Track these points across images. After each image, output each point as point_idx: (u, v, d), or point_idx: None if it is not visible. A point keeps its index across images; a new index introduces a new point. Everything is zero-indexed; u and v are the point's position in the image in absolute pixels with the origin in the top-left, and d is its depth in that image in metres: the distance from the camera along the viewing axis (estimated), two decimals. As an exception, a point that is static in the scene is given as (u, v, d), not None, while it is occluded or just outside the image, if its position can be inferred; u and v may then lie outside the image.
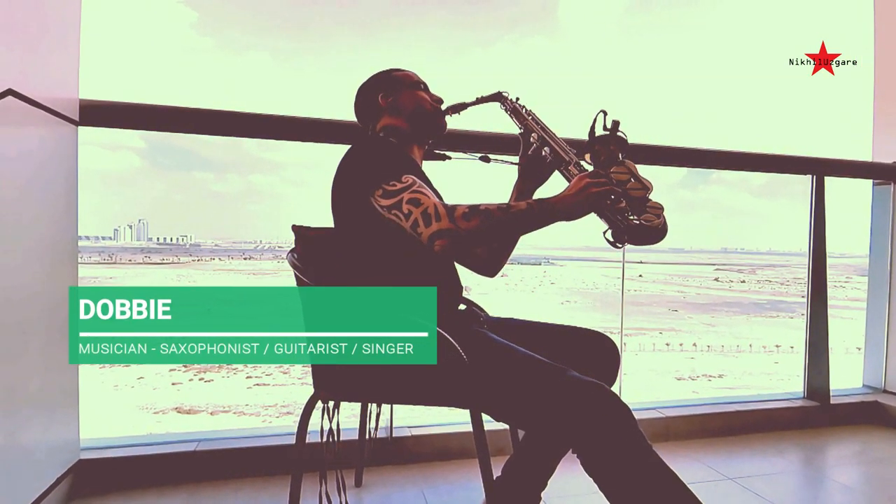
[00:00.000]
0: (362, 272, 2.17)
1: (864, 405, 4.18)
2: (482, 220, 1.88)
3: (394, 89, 2.43)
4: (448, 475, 3.10)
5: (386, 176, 2.01)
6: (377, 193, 1.99)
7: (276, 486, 2.92)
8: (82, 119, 2.74)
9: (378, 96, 2.44)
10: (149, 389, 44.67)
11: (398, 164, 2.06)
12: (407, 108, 2.41)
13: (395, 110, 2.41)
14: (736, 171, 4.29)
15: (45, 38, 2.47)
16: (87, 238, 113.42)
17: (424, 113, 2.42)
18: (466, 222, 1.87)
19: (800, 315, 5.04)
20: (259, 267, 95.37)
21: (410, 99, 2.42)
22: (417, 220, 1.89)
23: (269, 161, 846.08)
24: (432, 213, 1.88)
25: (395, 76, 2.47)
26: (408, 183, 1.97)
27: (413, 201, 1.92)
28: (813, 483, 3.24)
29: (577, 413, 1.76)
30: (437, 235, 1.87)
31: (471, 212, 1.88)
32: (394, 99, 2.42)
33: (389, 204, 1.96)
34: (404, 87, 2.44)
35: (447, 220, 1.87)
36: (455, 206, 1.89)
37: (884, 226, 4.41)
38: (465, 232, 1.87)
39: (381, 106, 2.44)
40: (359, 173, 2.08)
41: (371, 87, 2.48)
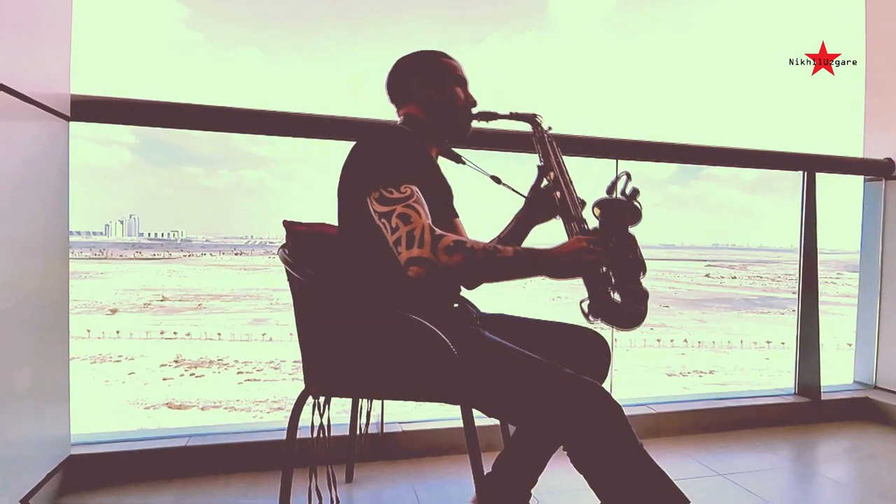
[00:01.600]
0: (356, 267, 2.16)
1: (855, 401, 4.20)
2: (464, 258, 1.83)
3: (433, 78, 2.35)
4: (439, 471, 3.10)
5: (387, 180, 1.95)
6: (374, 196, 1.95)
7: (266, 481, 2.92)
8: (73, 114, 2.74)
9: (415, 80, 2.35)
10: (140, 384, 44.75)
11: (405, 168, 2.01)
12: (438, 103, 2.34)
13: (426, 100, 2.34)
14: (727, 167, 4.30)
15: (36, 32, 2.46)
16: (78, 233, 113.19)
17: (454, 112, 2.36)
18: (448, 257, 1.82)
19: (791, 311, 5.04)
20: (250, 262, 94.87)
21: (446, 93, 2.35)
22: (401, 238, 1.85)
23: (259, 156, 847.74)
24: (417, 237, 1.84)
25: (441, 63, 2.38)
26: (405, 195, 1.91)
27: (403, 217, 1.87)
28: (804, 479, 3.25)
29: (567, 410, 1.76)
30: (415, 262, 1.83)
31: (455, 247, 1.83)
32: (429, 88, 2.34)
33: (381, 211, 1.92)
34: (445, 79, 2.36)
35: (429, 248, 1.82)
36: (442, 236, 1.85)
37: (875, 222, 4.43)
38: (444, 266, 1.82)
39: (414, 90, 2.35)
40: (363, 169, 2.06)
41: (411, 68, 2.38)
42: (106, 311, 64.76)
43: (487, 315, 2.41)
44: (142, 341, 56.02)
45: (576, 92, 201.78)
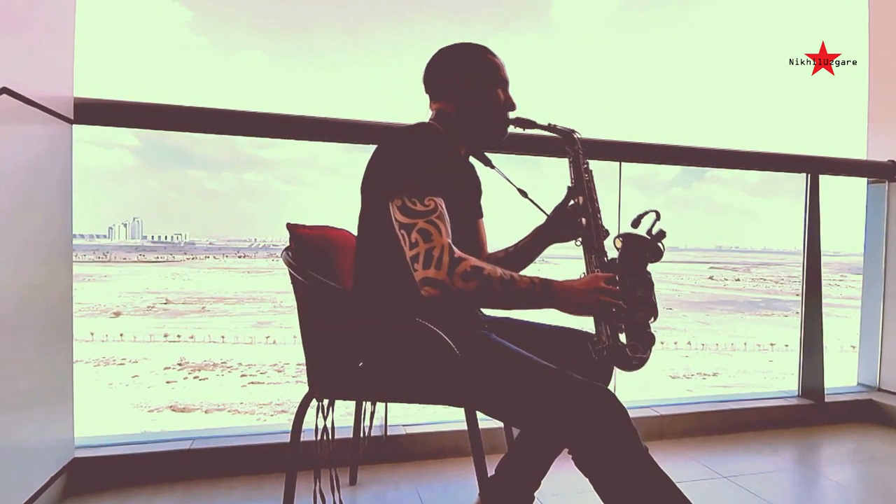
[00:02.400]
0: (371, 268, 2.15)
1: (859, 403, 4.20)
2: (480, 285, 1.81)
3: (475, 76, 2.23)
4: (443, 473, 3.10)
5: (412, 189, 1.90)
6: (396, 203, 1.90)
7: (270, 484, 2.93)
8: (77, 117, 2.74)
9: (456, 75, 2.24)
10: (143, 388, 44.76)
11: (432, 177, 1.94)
12: (476, 104, 2.24)
13: (463, 99, 2.24)
14: (730, 170, 4.31)
15: (39, 36, 2.46)
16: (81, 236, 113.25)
17: (491, 115, 2.26)
18: (463, 282, 1.80)
19: (794, 313, 5.04)
20: (254, 265, 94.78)
21: (486, 94, 2.24)
22: (419, 255, 1.82)
23: (263, 159, 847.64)
24: (436, 257, 1.81)
25: (486, 61, 2.26)
26: (428, 208, 1.87)
27: (424, 233, 1.84)
28: (808, 481, 3.25)
29: (572, 412, 1.75)
30: (429, 283, 1.80)
31: (472, 273, 1.81)
32: (469, 86, 2.23)
33: (403, 222, 1.88)
34: (487, 78, 2.25)
35: (446, 271, 1.79)
36: (460, 261, 1.82)
37: (878, 224, 4.42)
38: (458, 291, 1.80)
39: (453, 86, 2.24)
40: (389, 172, 1.99)
41: (452, 62, 2.27)
42: (109, 313, 64.80)
43: (494, 319, 2.40)
44: (145, 344, 56.05)
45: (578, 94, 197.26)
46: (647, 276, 2.07)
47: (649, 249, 2.07)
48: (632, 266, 2.07)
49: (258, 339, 58.01)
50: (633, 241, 2.09)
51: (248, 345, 56.73)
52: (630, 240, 2.09)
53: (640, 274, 2.06)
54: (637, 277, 2.05)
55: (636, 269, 2.06)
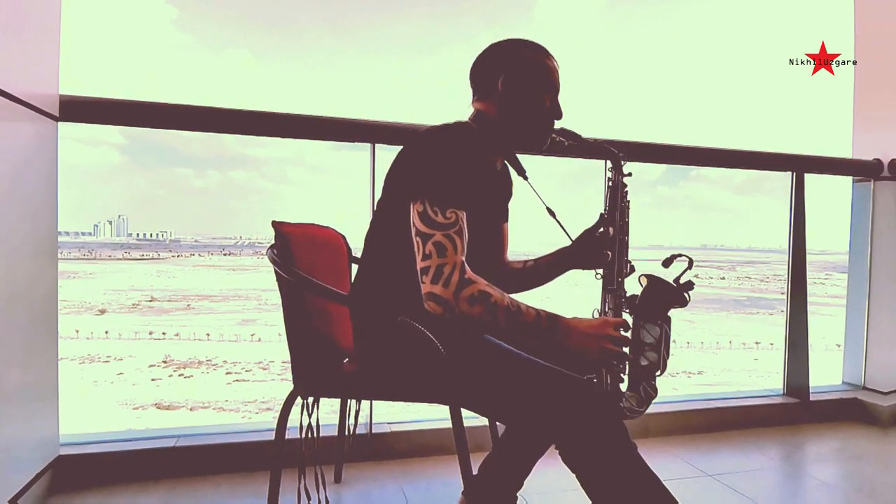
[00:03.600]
0: (375, 256, 2.13)
1: (844, 402, 4.21)
2: (484, 311, 1.76)
3: (523, 81, 2.10)
4: (427, 471, 3.11)
5: (436, 196, 1.83)
6: (417, 207, 1.84)
7: (255, 481, 2.92)
8: (62, 114, 2.73)
9: (499, 80, 2.11)
10: (128, 385, 44.72)
11: (459, 187, 1.87)
12: (517, 110, 2.12)
13: (505, 104, 2.11)
14: (716, 168, 4.31)
15: (24, 32, 2.45)
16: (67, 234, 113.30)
17: (533, 124, 2.15)
18: (468, 306, 1.75)
19: (779, 312, 5.06)
20: (239, 263, 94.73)
21: (532, 101, 2.12)
22: (430, 268, 1.77)
23: (248, 157, 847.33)
24: (446, 275, 1.76)
25: (537, 64, 2.13)
26: (449, 221, 1.81)
27: (439, 247, 1.78)
28: (792, 479, 3.26)
29: (560, 406, 1.75)
30: (434, 299, 1.76)
31: (479, 298, 1.76)
32: (516, 90, 2.10)
33: (420, 229, 1.82)
34: (536, 84, 2.12)
35: (452, 291, 1.75)
36: (468, 283, 1.76)
37: (863, 223, 4.44)
38: (460, 313, 1.76)
39: (498, 87, 2.11)
40: (417, 172, 1.90)
41: (500, 63, 2.13)
42: (95, 311, 64.76)
43: None
44: (130, 342, 56.04)
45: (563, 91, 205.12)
46: (665, 326, 2.00)
47: (674, 298, 2.00)
48: (650, 311, 2.01)
49: (243, 336, 58.05)
50: (659, 286, 2.02)
51: (233, 342, 56.76)
52: (655, 283, 2.03)
53: (656, 321, 2.00)
54: (652, 325, 1.99)
55: (654, 315, 2.00)
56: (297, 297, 2.19)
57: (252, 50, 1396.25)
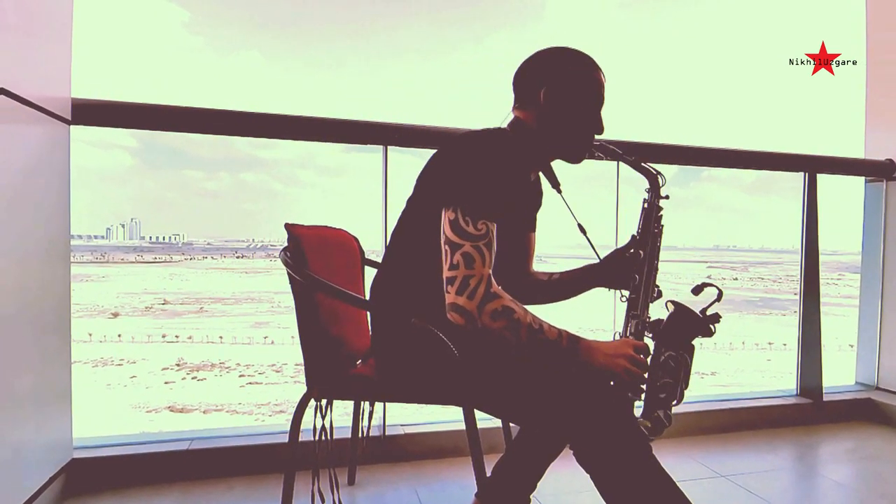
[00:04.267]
0: (400, 262, 2.10)
1: (857, 402, 4.21)
2: (506, 327, 1.75)
3: (563, 95, 2.03)
4: (441, 473, 3.10)
5: (470, 206, 1.80)
6: (449, 214, 1.81)
7: (269, 484, 2.92)
8: (74, 118, 2.74)
9: (541, 91, 2.04)
10: (141, 388, 44.77)
11: (493, 198, 1.84)
12: (558, 123, 2.05)
13: (546, 115, 2.05)
14: (728, 169, 4.30)
15: (36, 36, 2.46)
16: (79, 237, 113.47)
17: (573, 138, 2.09)
18: (491, 320, 1.74)
19: (792, 312, 5.05)
20: (252, 265, 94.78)
21: (572, 116, 2.05)
22: (456, 278, 1.75)
23: (260, 159, 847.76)
24: (472, 287, 1.74)
25: (583, 77, 2.05)
26: (480, 233, 1.78)
27: (468, 258, 1.76)
28: (806, 480, 3.25)
29: (575, 405, 1.74)
30: (457, 310, 1.75)
31: (503, 312, 1.75)
32: (554, 106, 2.04)
33: (450, 238, 1.80)
34: (580, 97, 2.04)
35: (476, 304, 1.74)
36: (493, 298, 1.75)
37: (876, 223, 4.42)
38: (482, 326, 1.75)
39: (540, 98, 2.04)
40: (452, 179, 1.88)
41: (544, 73, 2.06)
42: (107, 314, 64.83)
43: None
44: (143, 345, 56.08)
45: None
46: (686, 355, 1.99)
47: (699, 329, 1.98)
48: (673, 339, 1.99)
49: (256, 339, 58.07)
50: (685, 315, 2.00)
51: (246, 345, 56.78)
52: (682, 312, 2.00)
53: (679, 350, 1.98)
54: (674, 353, 1.98)
55: (677, 343, 1.98)
56: (310, 299, 2.18)
57: (263, 52, 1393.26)
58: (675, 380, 1.97)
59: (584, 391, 1.76)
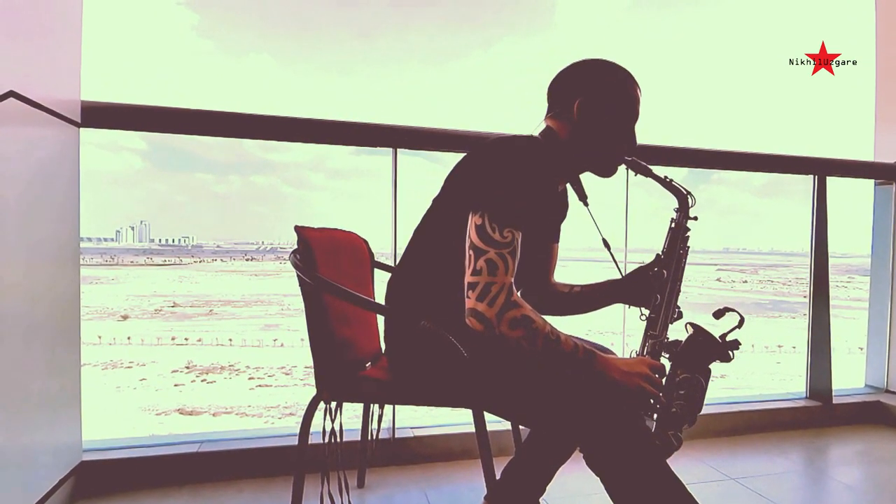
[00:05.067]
0: (420, 263, 2.10)
1: (867, 405, 4.20)
2: (524, 335, 1.75)
3: (598, 110, 2.02)
4: (451, 475, 3.10)
5: (497, 213, 1.78)
6: (476, 219, 1.80)
7: (278, 486, 2.92)
8: (84, 120, 2.75)
9: (575, 103, 2.03)
10: (151, 391, 44.85)
11: (519, 206, 1.82)
12: (590, 137, 2.04)
13: (579, 129, 2.04)
14: (737, 171, 4.29)
15: (46, 39, 2.46)
16: (89, 239, 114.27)
17: (604, 154, 2.09)
18: (509, 329, 1.73)
19: (802, 315, 5.04)
20: (261, 268, 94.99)
21: (606, 131, 2.05)
22: (478, 284, 1.74)
23: (270, 162, 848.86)
24: (493, 294, 1.73)
25: (620, 92, 2.05)
26: (506, 241, 1.77)
27: (491, 265, 1.75)
28: (815, 483, 3.24)
29: (586, 409, 1.75)
30: (477, 316, 1.74)
31: (522, 321, 1.74)
32: (588, 119, 2.03)
33: (475, 243, 1.78)
34: (615, 113, 2.05)
35: (496, 311, 1.72)
36: (513, 306, 1.74)
37: (886, 226, 4.42)
38: (500, 334, 1.74)
39: (575, 110, 2.02)
40: (482, 184, 1.85)
41: (580, 86, 2.05)
42: (117, 317, 65.01)
43: None
44: (153, 347, 56.20)
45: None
46: (702, 380, 1.98)
47: (717, 354, 1.96)
48: (690, 362, 1.98)
49: (266, 341, 58.18)
50: (703, 338, 1.98)
51: (255, 348, 56.89)
52: (701, 335, 1.99)
53: (695, 373, 1.97)
54: (690, 376, 1.97)
55: (694, 366, 1.97)
56: (320, 301, 2.18)
57: (273, 56, 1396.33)
58: (689, 402, 1.95)
59: (596, 394, 1.76)
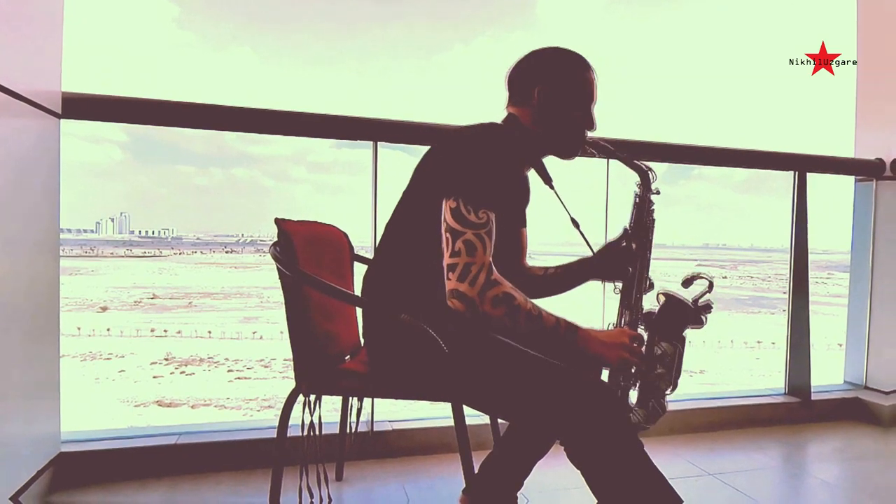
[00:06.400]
0: (395, 256, 2.11)
1: (846, 401, 4.21)
2: (506, 313, 1.78)
3: (557, 94, 2.08)
4: (429, 469, 3.11)
5: (471, 195, 1.83)
6: (450, 203, 1.84)
7: (256, 479, 2.92)
8: (64, 112, 2.73)
9: (535, 89, 2.09)
10: (130, 383, 44.74)
11: (492, 188, 1.88)
12: (550, 121, 2.11)
13: (539, 114, 2.10)
14: (718, 167, 4.31)
15: (27, 30, 2.45)
16: (69, 231, 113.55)
17: (565, 136, 2.15)
18: (492, 307, 1.77)
19: (781, 311, 5.05)
20: (241, 260, 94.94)
21: (564, 115, 2.11)
22: (457, 265, 1.78)
23: (251, 155, 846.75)
24: (473, 273, 1.77)
25: (575, 77, 2.11)
26: (481, 221, 1.81)
27: (469, 245, 1.79)
28: (794, 479, 3.25)
29: (567, 402, 1.76)
30: (458, 296, 1.77)
31: (503, 299, 1.78)
32: (548, 104, 2.09)
33: (451, 226, 1.82)
34: (572, 97, 2.10)
35: (477, 290, 1.76)
36: (494, 284, 1.78)
37: (866, 222, 4.43)
38: (483, 314, 1.77)
39: (534, 97, 2.08)
40: (453, 170, 1.91)
41: (537, 73, 2.11)
42: (96, 308, 64.82)
43: None
44: (132, 339, 56.08)
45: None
46: (679, 345, 2.02)
47: (691, 319, 2.01)
48: (665, 330, 2.02)
49: (245, 334, 58.13)
50: (676, 306, 2.03)
51: (234, 340, 56.84)
52: (673, 303, 2.03)
53: (671, 340, 2.01)
54: (667, 343, 2.01)
55: (669, 334, 2.01)
56: (300, 294, 2.18)
57: (254, 48, 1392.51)
58: (669, 368, 1.99)
59: (576, 388, 1.77)
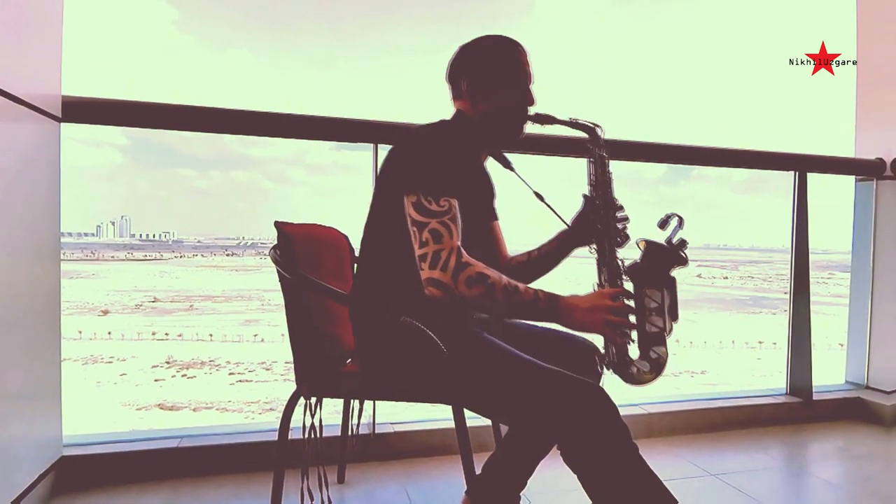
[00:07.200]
0: (375, 261, 2.13)
1: (847, 401, 4.20)
2: (483, 292, 1.80)
3: (483, 81, 2.15)
4: (430, 471, 3.10)
5: (428, 187, 1.88)
6: (411, 199, 1.89)
7: (258, 482, 2.92)
8: (65, 115, 2.73)
9: (462, 82, 2.17)
10: (131, 386, 44.74)
11: (448, 177, 1.94)
12: (486, 107, 2.16)
13: (475, 103, 2.16)
14: (718, 168, 4.30)
15: (27, 34, 2.45)
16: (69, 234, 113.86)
17: (504, 118, 2.18)
18: (467, 288, 1.79)
19: (782, 311, 5.05)
20: (242, 263, 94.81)
21: (496, 98, 2.15)
22: (427, 255, 1.82)
23: (251, 157, 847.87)
24: (443, 259, 1.81)
25: (500, 60, 2.16)
26: (443, 209, 1.86)
27: (435, 234, 1.83)
28: (795, 479, 3.25)
29: (562, 407, 1.75)
30: (434, 283, 1.80)
31: (477, 279, 1.81)
32: (481, 88, 2.15)
33: (415, 219, 1.87)
34: (498, 80, 2.15)
35: (450, 274, 1.79)
36: (466, 266, 1.81)
37: (866, 222, 4.43)
38: (459, 296, 1.80)
39: (465, 89, 2.16)
40: (406, 169, 1.98)
41: (462, 66, 2.19)
42: (98, 312, 64.87)
43: (484, 318, 2.34)
44: (133, 342, 56.11)
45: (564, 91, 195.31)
46: (666, 289, 2.01)
47: (672, 259, 2.01)
48: (650, 276, 2.01)
49: (246, 337, 58.17)
50: (654, 249, 2.03)
51: (236, 343, 56.87)
52: (651, 247, 2.03)
53: (658, 285, 2.00)
54: (654, 289, 2.00)
55: (655, 279, 2.01)
56: (300, 297, 2.18)
57: (253, 50, 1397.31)
58: (662, 314, 1.99)
59: (571, 392, 1.76)
